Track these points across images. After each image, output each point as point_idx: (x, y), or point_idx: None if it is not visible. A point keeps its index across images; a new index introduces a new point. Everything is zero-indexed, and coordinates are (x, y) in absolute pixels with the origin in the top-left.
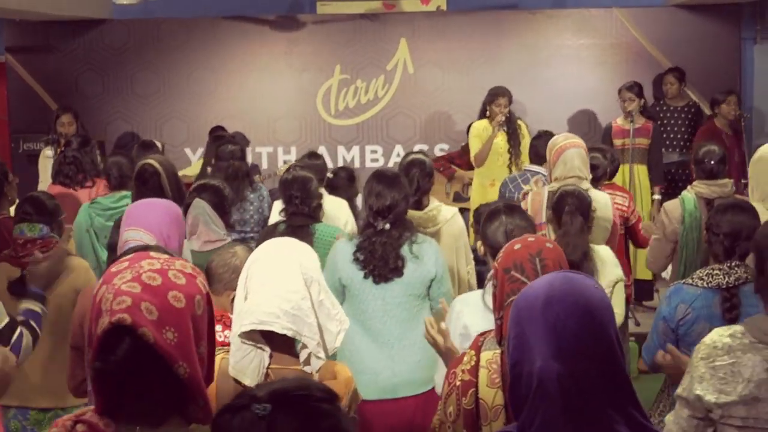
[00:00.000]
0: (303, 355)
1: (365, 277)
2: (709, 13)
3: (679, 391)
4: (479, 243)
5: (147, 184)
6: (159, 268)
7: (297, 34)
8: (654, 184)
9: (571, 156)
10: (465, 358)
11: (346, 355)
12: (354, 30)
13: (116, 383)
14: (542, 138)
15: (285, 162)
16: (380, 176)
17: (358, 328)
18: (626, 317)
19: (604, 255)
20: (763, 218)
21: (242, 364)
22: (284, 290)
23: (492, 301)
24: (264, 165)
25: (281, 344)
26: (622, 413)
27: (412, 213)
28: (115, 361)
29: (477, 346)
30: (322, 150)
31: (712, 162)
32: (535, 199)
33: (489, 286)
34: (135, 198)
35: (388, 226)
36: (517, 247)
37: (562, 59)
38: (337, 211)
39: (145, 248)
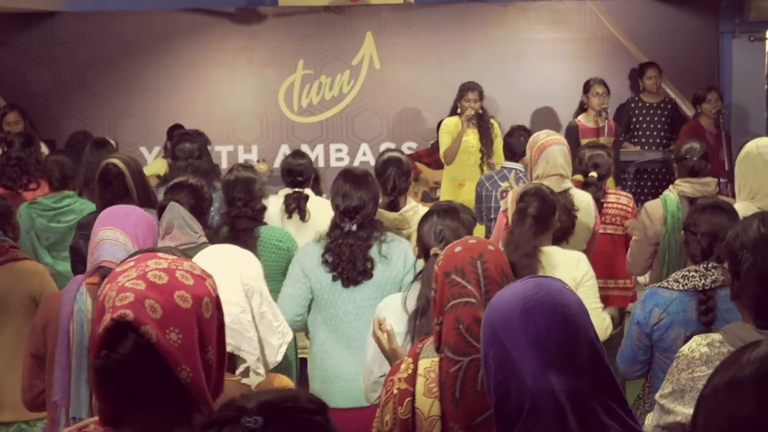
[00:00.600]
0: (241, 368)
1: (334, 279)
2: (687, 6)
3: (658, 396)
4: (413, 244)
5: (111, 186)
6: (166, 267)
7: (258, 27)
8: (617, 185)
9: (554, 153)
10: (402, 366)
11: (317, 362)
12: (318, 23)
13: (117, 385)
14: (516, 134)
15: (259, 161)
16: (348, 176)
17: (329, 334)
18: (621, 324)
19: (559, 258)
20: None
21: None
22: (223, 302)
23: (432, 306)
24: (224, 165)
25: None
26: (615, 418)
27: (387, 214)
28: (116, 359)
29: (415, 354)
30: (284, 149)
31: (695, 158)
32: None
33: (412, 289)
34: (100, 200)
35: (355, 227)
36: (457, 249)
37: (535, 54)
38: (323, 214)
39: (153, 250)
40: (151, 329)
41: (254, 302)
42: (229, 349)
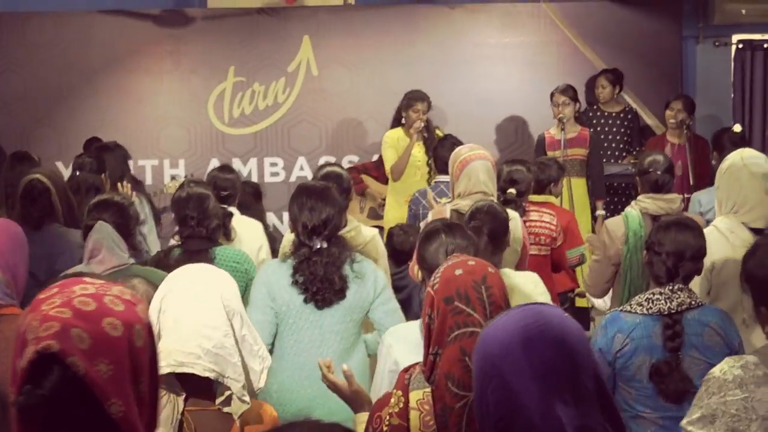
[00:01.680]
0: (222, 396)
1: (306, 301)
2: (647, 9)
3: (685, 423)
4: (415, 267)
5: (36, 203)
6: (93, 293)
7: (185, 30)
8: (596, 199)
9: (476, 169)
10: (392, 400)
11: (273, 397)
12: (250, 26)
13: (43, 423)
14: (447, 144)
15: (173, 177)
16: (309, 190)
17: (288, 364)
18: None
19: (517, 280)
20: (737, 232)
21: None
22: (204, 326)
23: (424, 334)
24: (148, 180)
25: (197, 384)
26: None
27: None
28: (41, 395)
29: (404, 385)
30: (214, 163)
31: (658, 172)
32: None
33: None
34: (22, 219)
35: (325, 244)
36: (458, 272)
37: (485, 59)
38: (251, 234)
39: (79, 274)
40: (79, 361)
41: (235, 324)
42: (213, 376)
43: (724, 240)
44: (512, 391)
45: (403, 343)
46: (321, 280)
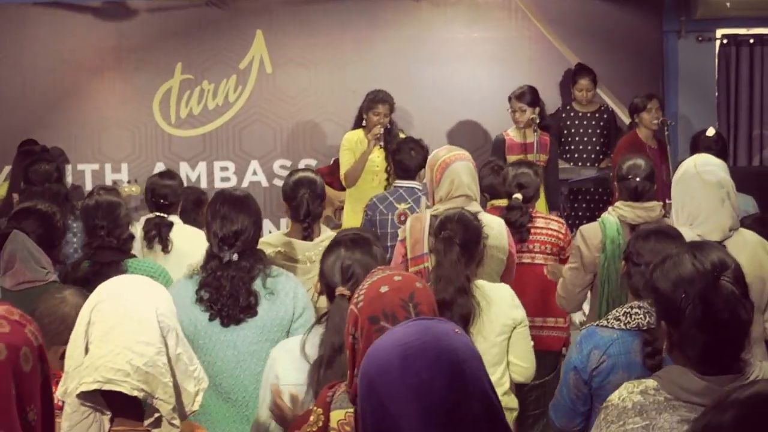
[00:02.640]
0: (151, 418)
1: (211, 319)
2: (626, 2)
3: None
4: (316, 279)
5: None
6: None
7: (128, 24)
8: (550, 209)
9: (457, 171)
10: (311, 417)
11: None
12: (199, 19)
13: None
14: (405, 148)
15: (129, 182)
16: (225, 198)
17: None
18: (558, 368)
19: (494, 293)
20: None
21: (78, 431)
22: (136, 341)
23: (348, 354)
24: (88, 186)
25: (125, 403)
26: None
27: (300, 245)
28: None
29: (325, 403)
30: (160, 167)
31: (638, 179)
32: (416, 225)
33: (312, 334)
34: None
35: (236, 256)
36: (383, 290)
37: (452, 56)
38: (193, 246)
39: None
40: None
41: (170, 341)
42: (141, 396)
43: None
44: (389, 414)
45: (287, 357)
46: (227, 296)
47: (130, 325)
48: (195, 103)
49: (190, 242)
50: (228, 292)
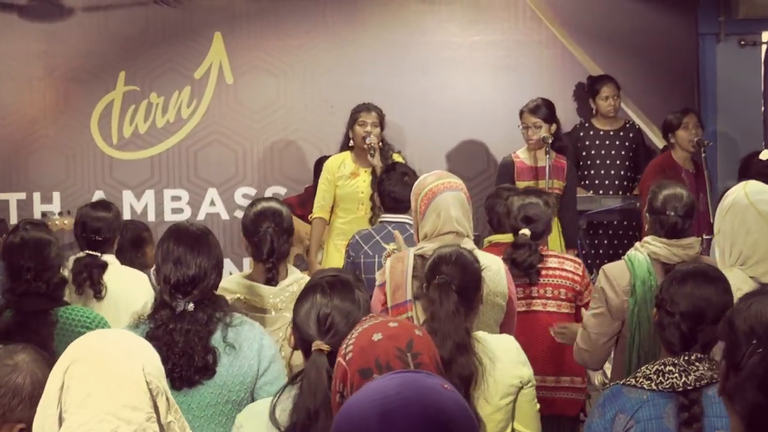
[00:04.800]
0: None
1: None
2: (654, 1)
3: None
4: (289, 330)
5: None
6: None
7: (61, 26)
8: (567, 247)
9: (445, 203)
10: None
11: None
12: (146, 21)
13: None
14: (394, 175)
15: (62, 214)
16: (179, 235)
17: None
18: None
19: (498, 347)
20: (743, 289)
21: None
22: (122, 405)
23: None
24: (13, 219)
25: None
26: None
27: (263, 290)
28: None
29: None
30: (99, 196)
31: (678, 214)
32: (396, 267)
33: (284, 396)
34: None
35: (191, 306)
36: (376, 338)
37: (448, 63)
38: (133, 290)
39: None
40: None
41: (160, 405)
42: None
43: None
44: None
45: (256, 423)
46: (179, 354)
47: (113, 386)
48: (141, 119)
49: (127, 287)
50: (181, 349)
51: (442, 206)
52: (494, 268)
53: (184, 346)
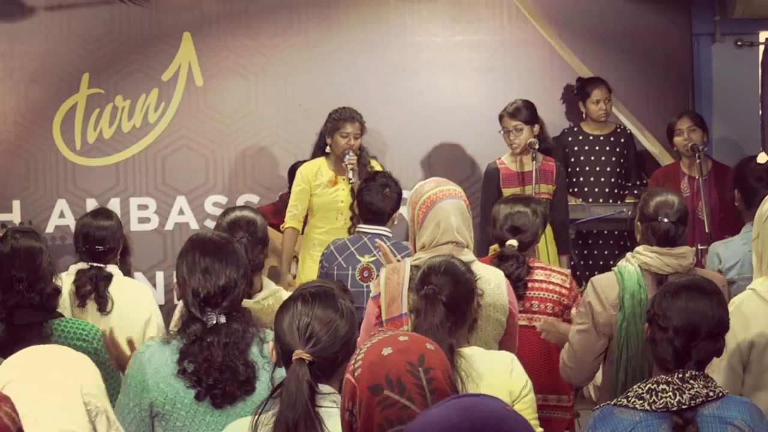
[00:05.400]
0: None
1: (199, 399)
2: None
3: None
4: (271, 345)
5: None
6: None
7: (22, 26)
8: (558, 254)
9: (445, 211)
10: None
11: None
12: (111, 21)
13: None
14: (374, 186)
15: (23, 224)
16: (204, 244)
17: None
18: None
19: (486, 365)
20: None
21: None
22: (58, 430)
23: None
24: None
25: None
26: None
27: None
28: None
29: None
30: (62, 205)
31: (669, 221)
32: (392, 278)
33: (268, 411)
34: None
35: (223, 318)
36: (386, 352)
37: (429, 65)
38: (136, 303)
39: None
40: None
41: (99, 426)
42: None
43: (765, 306)
44: None
45: None
46: (219, 369)
47: (49, 410)
48: (106, 124)
49: (129, 298)
50: (222, 363)
51: (442, 215)
52: (495, 282)
53: (225, 360)
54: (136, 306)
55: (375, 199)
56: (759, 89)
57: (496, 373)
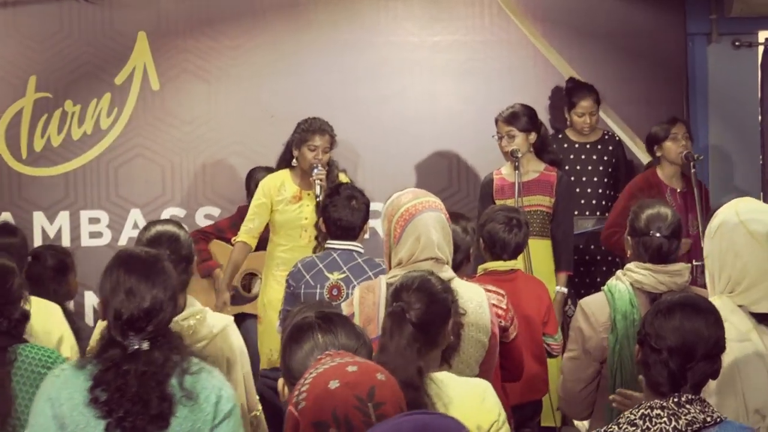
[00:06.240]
0: None
1: (109, 430)
2: None
3: None
4: (281, 383)
5: None
6: None
7: None
8: (558, 271)
9: (425, 224)
10: None
11: None
12: (60, 19)
13: None
14: (340, 199)
15: None
16: (131, 261)
17: None
18: None
19: (459, 391)
20: (733, 320)
21: None
22: None
23: None
24: None
25: None
26: None
27: None
28: None
29: None
30: (6, 218)
31: (662, 235)
32: (367, 298)
33: None
34: None
35: (147, 345)
36: (333, 386)
37: (404, 66)
38: (45, 323)
39: None
40: None
41: None
42: None
43: None
44: None
45: None
46: (132, 400)
47: None
48: (54, 131)
49: (38, 318)
50: (135, 394)
51: (422, 229)
52: (477, 300)
53: (139, 391)
54: (45, 326)
55: (343, 213)
56: (758, 93)
57: (465, 401)
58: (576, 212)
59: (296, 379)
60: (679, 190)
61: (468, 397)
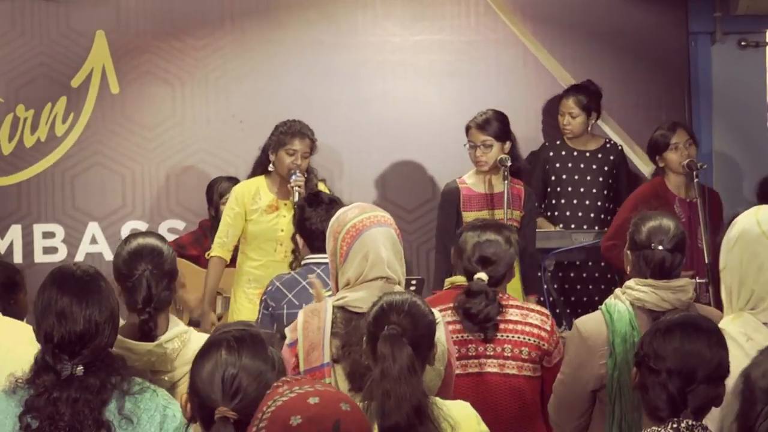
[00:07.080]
0: None
1: None
2: None
3: None
4: (184, 398)
5: None
6: None
7: None
8: (530, 292)
9: (374, 241)
10: None
11: None
12: (11, 16)
13: None
14: (319, 207)
15: None
16: (64, 280)
17: None
18: None
19: (457, 413)
20: (755, 338)
21: None
22: None
23: None
24: None
25: None
26: None
27: (137, 346)
28: None
29: None
30: None
31: (665, 247)
32: (311, 322)
33: None
34: None
35: (81, 369)
36: (295, 422)
37: (386, 68)
38: (11, 343)
39: None
40: None
41: None
42: None
43: (739, 350)
44: None
45: None
46: (64, 429)
47: None
48: (5, 138)
49: (6, 337)
50: (67, 423)
51: (370, 246)
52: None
53: (71, 419)
54: (11, 346)
55: (323, 224)
56: (765, 95)
57: (468, 424)
58: (572, 225)
59: (200, 394)
60: (688, 200)
61: (467, 419)
